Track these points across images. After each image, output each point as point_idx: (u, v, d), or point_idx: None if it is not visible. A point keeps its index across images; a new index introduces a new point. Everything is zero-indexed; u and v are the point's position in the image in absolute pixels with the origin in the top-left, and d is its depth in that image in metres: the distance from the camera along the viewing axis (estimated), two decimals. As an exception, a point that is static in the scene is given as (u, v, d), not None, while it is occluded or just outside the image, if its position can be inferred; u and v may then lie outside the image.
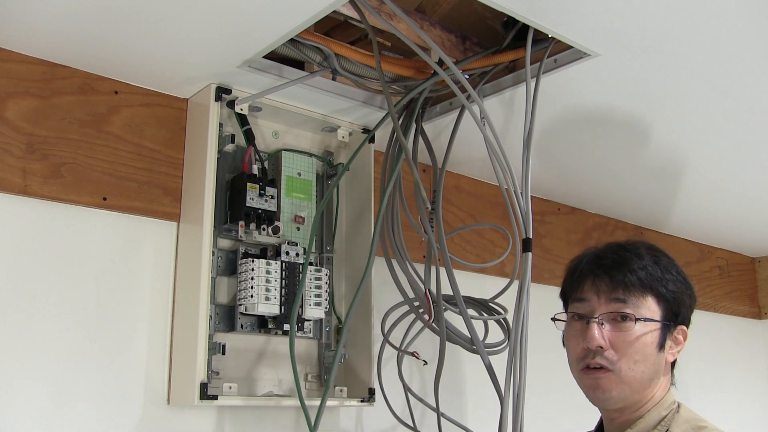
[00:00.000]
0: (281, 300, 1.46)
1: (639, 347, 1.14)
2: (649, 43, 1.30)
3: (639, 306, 1.15)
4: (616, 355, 1.14)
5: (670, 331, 1.17)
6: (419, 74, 1.49)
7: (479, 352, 1.42)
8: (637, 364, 1.14)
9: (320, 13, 1.18)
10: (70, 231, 1.36)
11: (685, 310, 1.19)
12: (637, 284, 1.16)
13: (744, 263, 2.98)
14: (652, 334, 1.15)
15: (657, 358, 1.15)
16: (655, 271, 1.17)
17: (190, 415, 1.43)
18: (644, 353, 1.14)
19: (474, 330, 1.45)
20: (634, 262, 1.17)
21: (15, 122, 1.32)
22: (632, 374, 1.14)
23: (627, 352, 1.14)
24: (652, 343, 1.15)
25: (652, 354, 1.15)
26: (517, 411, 1.27)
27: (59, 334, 1.31)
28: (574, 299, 1.21)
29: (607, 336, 1.15)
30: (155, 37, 1.28)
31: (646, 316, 1.15)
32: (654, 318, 1.15)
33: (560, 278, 1.29)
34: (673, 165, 1.93)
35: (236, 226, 1.47)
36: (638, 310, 1.15)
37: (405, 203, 1.57)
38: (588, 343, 1.15)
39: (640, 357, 1.14)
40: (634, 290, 1.16)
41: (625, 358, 1.14)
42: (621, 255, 1.19)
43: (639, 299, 1.15)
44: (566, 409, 2.03)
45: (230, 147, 1.52)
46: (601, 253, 1.21)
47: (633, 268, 1.16)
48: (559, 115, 1.63)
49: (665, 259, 1.20)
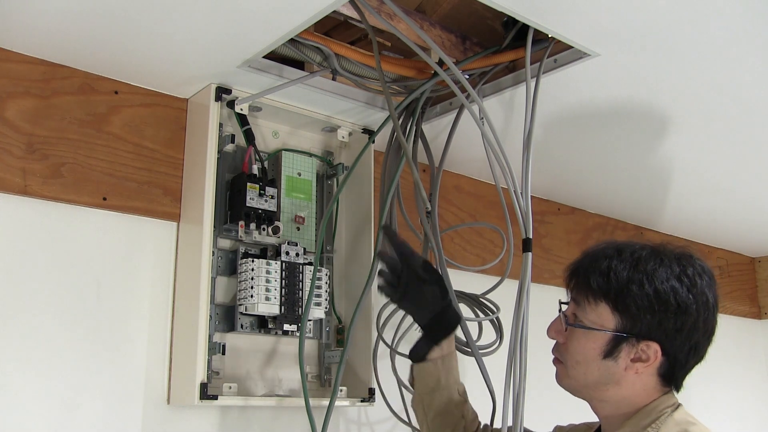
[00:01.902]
0: (281, 300, 1.46)
1: (579, 350, 1.14)
2: (649, 43, 1.30)
3: (588, 311, 1.13)
4: (563, 352, 1.17)
5: (629, 343, 1.11)
6: (419, 74, 1.49)
7: (474, 354, 1.42)
8: (579, 365, 1.14)
9: (320, 13, 1.18)
10: (70, 231, 1.36)
11: (649, 327, 1.10)
12: (588, 290, 1.14)
13: (744, 263, 2.99)
14: (597, 341, 1.12)
15: (602, 365, 1.12)
16: (620, 278, 1.11)
17: (190, 415, 1.43)
18: (584, 356, 1.13)
19: (469, 333, 1.45)
20: (599, 267, 1.13)
21: (15, 122, 1.32)
22: (574, 372, 1.15)
23: (568, 351, 1.16)
24: (594, 349, 1.12)
25: (594, 360, 1.13)
26: (516, 411, 1.27)
27: (59, 334, 1.31)
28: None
29: (562, 331, 1.18)
30: (155, 37, 1.28)
31: (592, 324, 1.12)
32: (599, 327, 1.12)
33: (560, 278, 1.29)
34: (672, 165, 1.93)
35: (236, 226, 1.47)
36: (586, 316, 1.13)
37: (402, 204, 1.57)
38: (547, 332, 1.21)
39: (580, 359, 1.14)
40: (585, 295, 1.14)
41: (568, 356, 1.16)
42: (595, 257, 1.16)
43: (588, 305, 1.14)
44: (566, 409, 2.03)
45: (230, 147, 1.52)
46: (586, 251, 1.20)
47: (591, 273, 1.14)
48: (559, 115, 1.63)
49: (649, 267, 1.11)
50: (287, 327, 1.47)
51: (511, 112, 1.61)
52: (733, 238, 2.74)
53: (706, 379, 2.61)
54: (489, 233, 2.04)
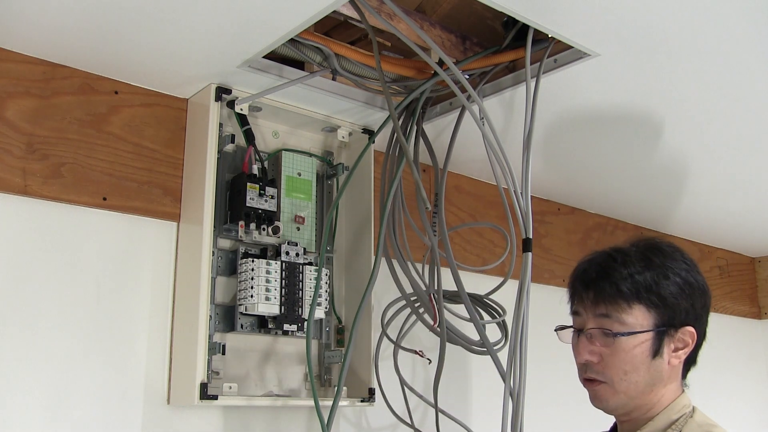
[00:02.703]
0: (281, 300, 1.46)
1: (627, 359, 1.13)
2: (649, 43, 1.30)
3: (623, 319, 1.13)
4: (605, 369, 1.14)
5: (669, 336, 1.14)
6: (419, 74, 1.49)
7: (490, 353, 1.41)
8: (628, 375, 1.13)
9: (320, 13, 1.18)
10: (70, 231, 1.36)
11: (686, 312, 1.14)
12: (619, 296, 1.13)
13: (744, 263, 2.99)
14: (642, 344, 1.13)
15: (652, 365, 1.13)
16: (643, 278, 1.13)
17: (190, 415, 1.43)
18: (633, 364, 1.12)
19: (484, 333, 1.45)
20: (618, 273, 1.14)
21: (15, 122, 1.32)
22: (625, 384, 1.13)
23: (615, 365, 1.13)
24: (642, 352, 1.13)
25: (643, 363, 1.13)
26: (516, 411, 1.27)
27: (59, 334, 1.31)
28: (571, 312, 1.22)
29: (598, 350, 1.15)
30: (155, 37, 1.28)
31: (632, 329, 1.12)
32: (641, 329, 1.12)
33: (560, 278, 1.29)
34: (672, 165, 1.93)
35: (236, 226, 1.47)
36: (623, 323, 1.13)
37: (405, 204, 1.57)
38: (576, 358, 1.18)
39: (629, 368, 1.13)
40: (617, 303, 1.13)
41: (615, 371, 1.13)
42: (606, 265, 1.16)
43: (623, 312, 1.13)
44: (566, 410, 2.03)
45: (230, 147, 1.52)
46: (587, 265, 1.20)
47: (615, 280, 1.14)
48: (559, 115, 1.63)
49: (660, 259, 1.15)
50: (287, 327, 1.47)
51: (511, 112, 1.61)
52: (733, 238, 2.74)
53: (707, 379, 2.60)
54: (489, 233, 2.04)
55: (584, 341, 1.16)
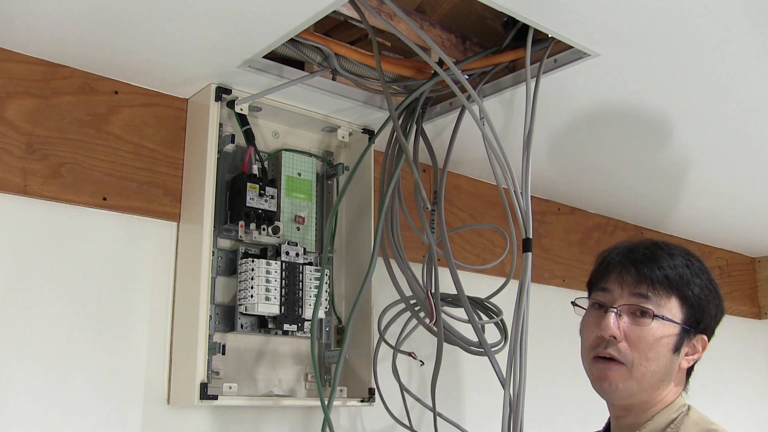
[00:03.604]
0: (281, 300, 1.46)
1: (654, 345, 1.12)
2: (649, 43, 1.30)
3: (661, 305, 1.13)
4: (629, 349, 1.12)
5: (689, 337, 1.14)
6: (419, 74, 1.49)
7: (488, 354, 1.41)
8: (650, 362, 1.12)
9: (320, 13, 1.18)
10: (70, 231, 1.36)
11: (709, 319, 1.16)
12: (663, 282, 1.13)
13: (744, 263, 2.99)
14: (670, 335, 1.13)
15: (670, 360, 1.13)
16: (684, 272, 1.14)
17: (190, 415, 1.43)
18: (658, 352, 1.12)
19: (482, 334, 1.45)
20: (665, 260, 1.15)
21: (15, 122, 1.32)
22: (642, 371, 1.12)
23: (640, 347, 1.12)
24: (667, 344, 1.12)
25: (665, 355, 1.13)
26: (516, 411, 1.27)
27: (59, 334, 1.31)
28: (598, 288, 1.19)
29: (623, 328, 1.13)
30: (155, 38, 1.28)
31: (666, 316, 1.12)
32: (674, 320, 1.13)
33: (560, 278, 1.29)
34: (673, 165, 1.93)
35: (236, 226, 1.47)
36: (660, 308, 1.13)
37: (404, 204, 1.57)
38: (602, 331, 1.13)
39: (653, 355, 1.12)
40: (659, 288, 1.13)
41: (638, 353, 1.12)
42: (653, 251, 1.16)
43: (662, 298, 1.13)
44: (566, 409, 2.03)
45: (230, 147, 1.52)
46: (634, 246, 1.19)
47: (662, 266, 1.14)
48: (559, 115, 1.63)
49: (697, 264, 1.17)
50: (287, 327, 1.47)
51: (511, 112, 1.61)
52: (733, 238, 2.74)
53: (707, 379, 2.60)
54: (489, 233, 2.04)
55: (613, 316, 1.13)
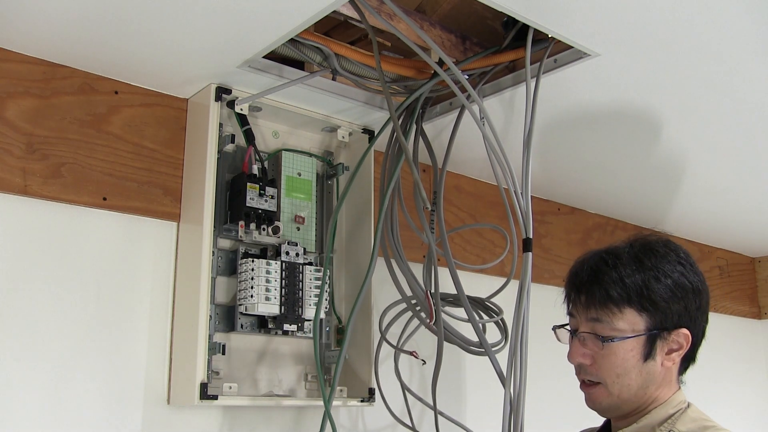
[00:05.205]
0: (281, 300, 1.46)
1: (618, 362, 1.13)
2: (649, 43, 1.30)
3: (614, 323, 1.12)
4: (599, 371, 1.15)
5: (662, 337, 1.13)
6: (419, 74, 1.49)
7: (488, 353, 1.41)
8: (621, 378, 1.13)
9: (320, 13, 1.18)
10: (70, 231, 1.36)
11: (679, 314, 1.14)
12: (610, 299, 1.13)
13: (744, 263, 2.99)
14: (634, 348, 1.13)
15: (644, 368, 1.13)
16: (634, 280, 1.13)
17: (190, 415, 1.43)
18: (625, 367, 1.13)
19: (482, 334, 1.45)
20: (609, 276, 1.13)
21: (15, 122, 1.32)
22: (618, 387, 1.14)
23: (606, 368, 1.14)
24: (634, 356, 1.12)
25: (635, 366, 1.13)
26: (517, 411, 1.27)
27: (59, 334, 1.31)
28: (567, 313, 1.22)
29: (590, 352, 1.15)
30: (155, 38, 1.28)
31: (623, 333, 1.12)
32: (632, 333, 1.12)
33: (560, 278, 1.29)
34: (673, 165, 1.93)
35: (236, 226, 1.47)
36: (614, 327, 1.12)
37: (404, 204, 1.57)
38: (569, 359, 1.18)
39: (622, 371, 1.13)
40: (608, 307, 1.13)
41: (607, 373, 1.14)
42: (597, 268, 1.15)
43: (614, 316, 1.13)
44: (566, 409, 2.03)
45: (230, 147, 1.52)
46: (579, 267, 1.19)
47: (605, 285, 1.13)
48: (559, 115, 1.63)
49: (652, 261, 1.14)
50: (287, 327, 1.47)
51: (511, 112, 1.61)
52: (733, 238, 2.74)
53: (707, 379, 2.61)
54: (489, 233, 2.04)
55: (577, 344, 1.17)
